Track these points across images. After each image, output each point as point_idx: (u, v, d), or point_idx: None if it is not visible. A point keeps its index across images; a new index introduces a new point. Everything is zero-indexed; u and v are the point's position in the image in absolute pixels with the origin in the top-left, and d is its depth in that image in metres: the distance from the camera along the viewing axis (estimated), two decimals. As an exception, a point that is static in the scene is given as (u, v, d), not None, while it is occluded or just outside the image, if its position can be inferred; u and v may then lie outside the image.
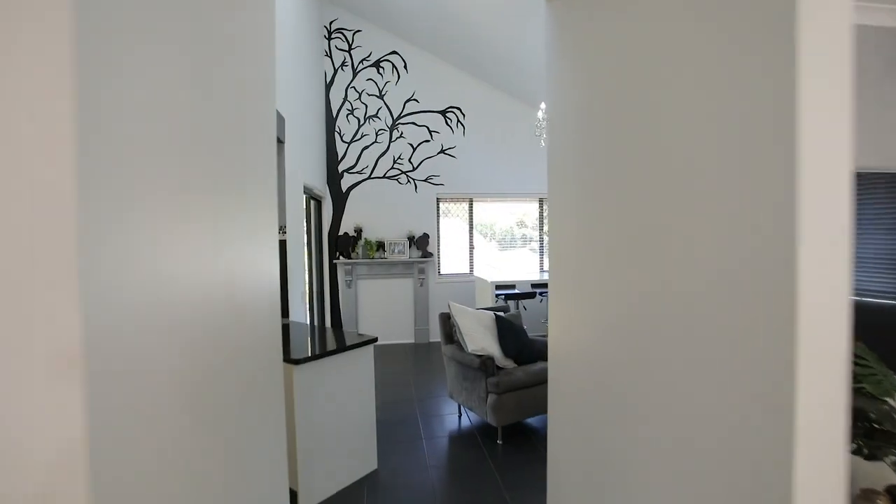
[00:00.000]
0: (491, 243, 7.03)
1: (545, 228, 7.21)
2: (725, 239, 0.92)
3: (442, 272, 6.94)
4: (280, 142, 3.44)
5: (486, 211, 7.11)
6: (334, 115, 6.44)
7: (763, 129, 0.83)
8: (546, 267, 7.27)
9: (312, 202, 6.04)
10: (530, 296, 5.70)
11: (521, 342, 3.83)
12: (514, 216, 7.28)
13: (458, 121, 6.76)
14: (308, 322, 4.35)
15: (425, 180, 6.73)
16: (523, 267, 7.27)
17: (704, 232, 0.98)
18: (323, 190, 6.19)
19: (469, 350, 3.49)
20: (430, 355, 6.08)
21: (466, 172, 6.83)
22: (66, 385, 0.53)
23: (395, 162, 6.62)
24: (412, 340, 6.76)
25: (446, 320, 4.08)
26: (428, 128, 6.67)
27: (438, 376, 5.09)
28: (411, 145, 6.64)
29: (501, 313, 4.18)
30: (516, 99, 6.86)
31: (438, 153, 6.74)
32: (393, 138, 6.59)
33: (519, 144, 6.94)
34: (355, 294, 6.54)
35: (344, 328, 6.54)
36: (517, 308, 6.00)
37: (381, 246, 6.52)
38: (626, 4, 1.25)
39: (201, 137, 0.88)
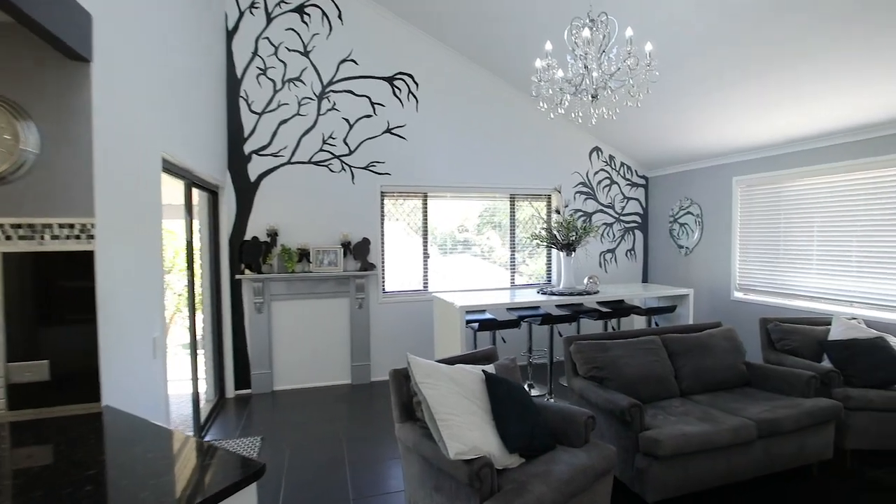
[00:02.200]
0: (431, 248, 5.52)
1: (516, 230, 5.83)
2: None
3: (387, 289, 5.33)
4: (79, 57, 1.72)
5: (445, 209, 5.60)
6: (238, 74, 4.65)
7: None
8: (526, 280, 5.88)
9: (201, 193, 4.22)
10: (511, 324, 4.26)
11: (531, 418, 2.35)
12: (468, 216, 5.82)
13: (410, 92, 5.20)
14: (164, 392, 2.60)
15: (366, 168, 5.10)
16: (475, 276, 5.83)
17: None
18: (220, 177, 4.38)
19: (451, 454, 1.95)
20: (374, 403, 4.46)
21: (420, 159, 5.28)
22: None
23: (325, 142, 4.94)
24: (348, 381, 5.09)
25: (402, 383, 2.51)
26: (370, 99, 5.05)
27: (386, 442, 3.49)
28: (347, 121, 5.00)
29: (489, 367, 2.67)
30: (488, 70, 5.42)
31: (383, 133, 5.14)
32: (322, 110, 4.91)
33: (488, 126, 5.51)
34: (268, 321, 4.76)
35: (252, 370, 4.74)
36: (492, 341, 4.53)
37: (304, 255, 4.80)
38: None
39: None
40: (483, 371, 2.48)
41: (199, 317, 4.28)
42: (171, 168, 2.95)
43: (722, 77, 3.88)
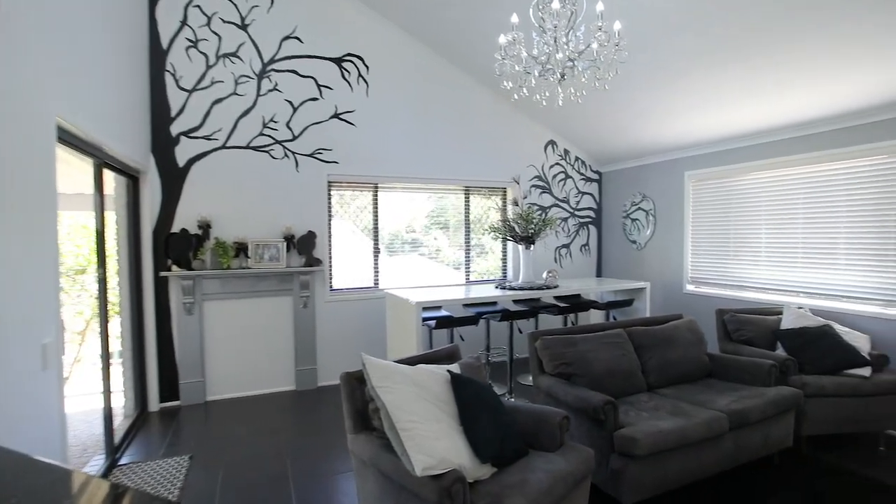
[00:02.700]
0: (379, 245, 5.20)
1: (471, 225, 5.63)
2: None
3: (335, 286, 4.95)
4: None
5: (396, 204, 5.29)
6: (164, 44, 4.11)
7: None
8: (481, 276, 5.68)
9: (118, 177, 3.67)
10: (470, 321, 4.02)
11: (502, 422, 2.11)
12: (416, 216, 5.56)
13: (360, 75, 4.85)
14: (60, 413, 2.12)
15: (311, 155, 4.70)
16: (425, 277, 5.59)
17: None
18: (142, 159, 3.84)
19: (418, 469, 1.67)
20: (322, 410, 4.07)
21: (370, 148, 4.95)
22: None
23: (265, 126, 4.49)
24: (292, 387, 4.65)
25: (355, 387, 2.20)
26: (316, 81, 4.66)
27: (336, 454, 3.14)
28: (291, 104, 4.57)
29: (453, 366, 2.41)
30: (443, 57, 5.17)
31: (331, 118, 4.76)
32: (263, 91, 4.46)
33: (442, 116, 5.26)
34: (200, 323, 4.25)
35: (181, 379, 4.20)
36: (450, 340, 4.28)
37: (242, 250, 4.33)
38: None
39: None
40: (448, 371, 2.22)
41: (117, 320, 3.72)
42: (72, 141, 2.46)
43: (674, 70, 3.86)
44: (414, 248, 5.45)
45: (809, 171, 4.05)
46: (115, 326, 3.69)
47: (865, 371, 3.25)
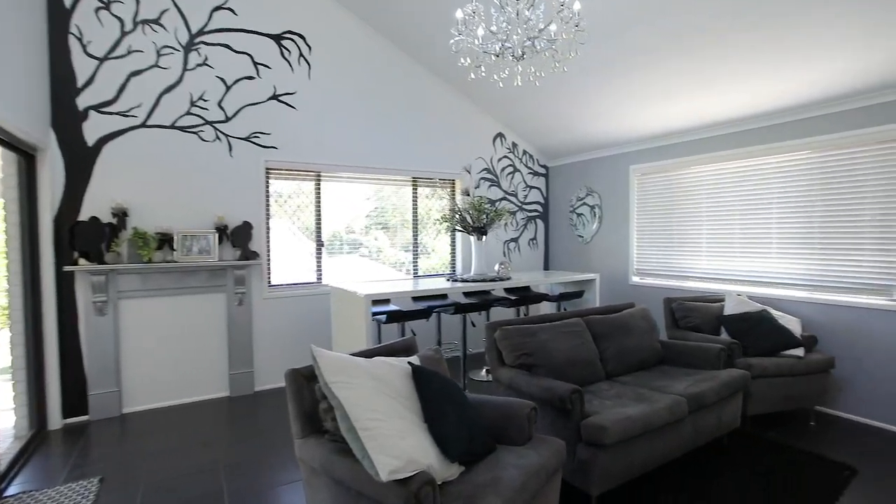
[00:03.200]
0: (309, 243, 4.83)
1: (420, 213, 5.43)
2: None
3: (274, 282, 4.56)
4: None
5: (339, 194, 4.98)
6: (67, 2, 3.57)
7: None
8: (427, 273, 5.50)
9: (6, 153, 3.11)
10: (422, 314, 3.82)
11: (469, 417, 1.93)
12: (356, 216, 5.30)
13: (302, 56, 4.51)
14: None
15: (247, 139, 4.30)
16: (367, 276, 5.36)
17: None
18: (39, 135, 3.29)
19: (383, 474, 1.45)
20: (260, 417, 3.70)
21: (313, 133, 4.62)
22: None
23: (193, 104, 4.03)
24: (226, 393, 4.22)
25: (302, 386, 1.94)
26: (252, 58, 4.26)
27: (280, 463, 2.83)
28: (223, 81, 4.15)
29: (414, 359, 2.21)
30: (392, 42, 4.93)
31: (269, 99, 4.38)
32: (190, 65, 4.00)
33: (390, 104, 5.02)
34: (114, 325, 3.73)
35: (91, 390, 3.66)
36: (401, 335, 4.06)
37: (166, 241, 3.86)
38: None
39: None
40: (410, 364, 2.02)
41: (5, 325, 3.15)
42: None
43: (621, 65, 3.90)
44: (354, 249, 5.15)
45: (745, 166, 4.25)
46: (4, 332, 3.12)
47: (799, 351, 3.42)
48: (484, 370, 4.77)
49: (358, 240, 5.18)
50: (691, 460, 2.87)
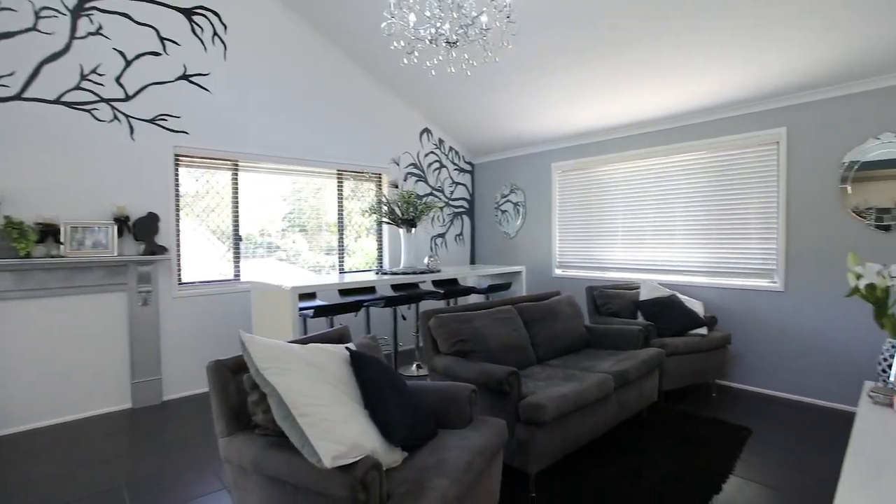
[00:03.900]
0: (222, 246, 4.46)
1: (345, 212, 5.26)
2: None
3: (186, 279, 4.16)
4: None
5: (261, 183, 4.67)
6: (-83, -53, 2.98)
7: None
8: (358, 265, 5.33)
9: None
10: (352, 307, 3.68)
11: (410, 402, 1.87)
12: (272, 218, 5.04)
13: (216, 34, 4.17)
14: None
15: (153, 121, 3.88)
16: (285, 278, 5.12)
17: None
18: None
19: (326, 459, 1.34)
20: (171, 428, 3.33)
21: (229, 119, 4.28)
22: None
23: (84, 77, 3.56)
24: (127, 405, 3.76)
25: (227, 379, 1.77)
26: (158, 32, 3.86)
27: (195, 475, 2.55)
28: (122, 55, 3.71)
29: (351, 346, 2.11)
30: (315, 28, 4.71)
31: (178, 79, 3.99)
32: (80, 33, 3.53)
33: (314, 93, 4.81)
34: (-17, 332, 3.16)
35: (-51, 407, 3.07)
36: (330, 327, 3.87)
37: (50, 233, 3.35)
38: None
39: None
40: (347, 349, 1.92)
41: None
42: None
43: (544, 65, 4.07)
44: (270, 252, 4.83)
45: (654, 164, 4.62)
46: None
47: (703, 330, 3.77)
48: (415, 365, 4.71)
49: (274, 243, 4.85)
50: (616, 435, 3.03)
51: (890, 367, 2.05)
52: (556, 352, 3.28)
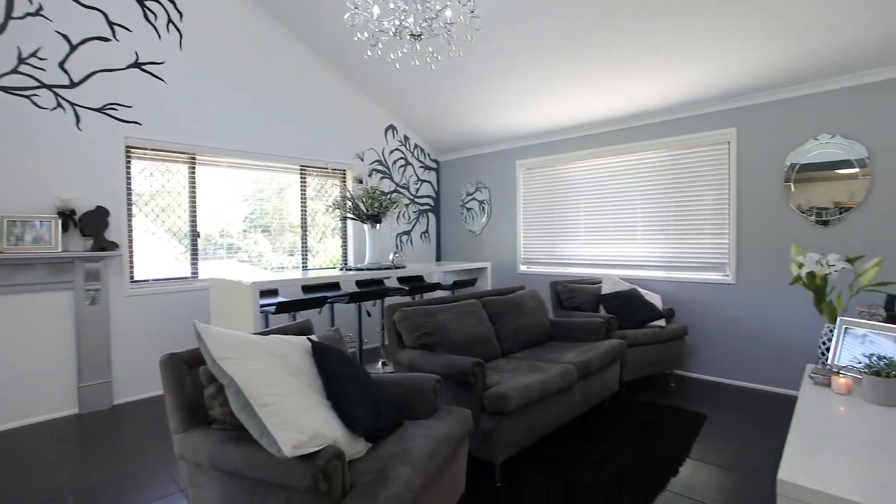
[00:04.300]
0: (182, 247, 4.29)
1: (309, 212, 5.16)
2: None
3: (138, 277, 3.97)
4: None
5: (219, 178, 4.51)
6: None
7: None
8: (322, 266, 5.23)
9: None
10: (316, 303, 3.61)
11: (373, 393, 1.85)
12: (232, 219, 4.90)
13: (171, 22, 4.00)
14: None
15: (101, 110, 3.68)
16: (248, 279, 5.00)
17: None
18: None
19: (286, 448, 1.30)
20: (122, 432, 3.16)
21: (186, 110, 4.12)
22: None
23: (23, 61, 3.34)
24: (74, 410, 3.55)
25: (182, 372, 1.70)
26: (105, 16, 3.67)
27: (148, 479, 2.43)
28: (66, 39, 3.51)
29: (313, 337, 2.06)
30: (276, 19, 4.59)
31: (129, 67, 3.81)
32: (17, 12, 3.31)
33: (276, 87, 4.69)
34: None
35: None
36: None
37: (-14, 227, 3.13)
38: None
39: None
40: (309, 340, 1.87)
41: None
42: None
43: (508, 63, 4.13)
44: (232, 253, 4.67)
45: (615, 162, 4.76)
46: None
47: (662, 322, 3.91)
48: (380, 363, 4.66)
49: (235, 244, 4.69)
50: (580, 424, 3.10)
51: (828, 350, 2.18)
52: (521, 345, 3.32)
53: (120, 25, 3.73)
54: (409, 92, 5.14)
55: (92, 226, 3.56)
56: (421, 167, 6.27)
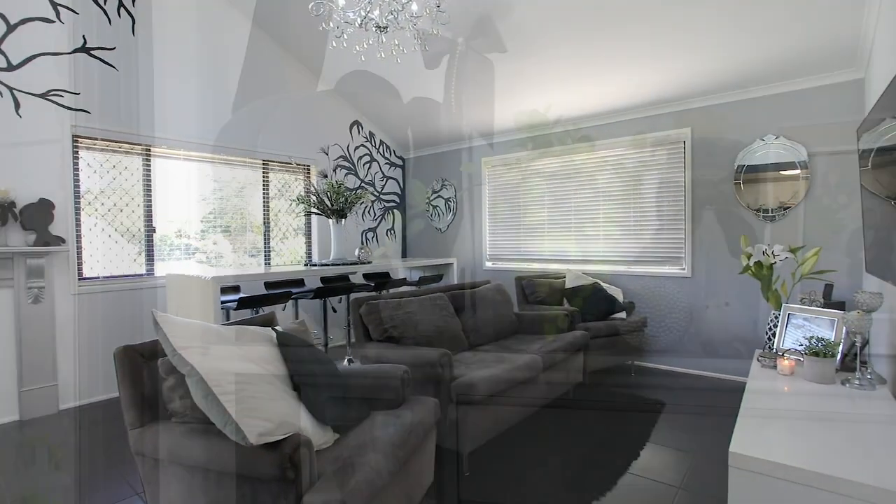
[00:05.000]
0: (134, 246, 4.08)
1: (272, 212, 5.02)
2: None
3: (87, 274, 3.75)
4: None
5: (178, 172, 4.32)
6: None
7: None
8: (282, 264, 5.10)
9: None
10: (280, 298, 3.52)
11: (340, 383, 1.83)
12: (189, 219, 4.74)
13: (123, 6, 3.81)
14: None
15: (43, 96, 3.46)
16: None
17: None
18: None
19: (252, 436, 1.27)
20: (69, 437, 2.98)
21: (140, 99, 3.93)
22: None
23: (-43, 42, 3.10)
24: (14, 417, 3.32)
25: (138, 365, 1.63)
26: (50, -2, 3.46)
27: (100, 483, 2.30)
28: (2, 17, 3.28)
29: (279, 328, 2.01)
30: (232, 5, 4.45)
31: (76, 52, 3.60)
32: (-49, -9, 3.07)
33: (237, 79, 4.54)
34: None
35: None
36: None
37: (-87, 219, 2.88)
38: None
39: None
40: (274, 330, 1.83)
41: None
42: None
43: (473, 58, 4.18)
44: (189, 255, 4.49)
45: (578, 160, 4.88)
46: None
47: (623, 315, 4.04)
48: (346, 360, 4.60)
49: (193, 245, 4.51)
50: (545, 413, 3.16)
51: (774, 335, 2.32)
52: (488, 337, 3.35)
53: (65, 6, 3.52)
54: (373, 87, 5.10)
55: (34, 219, 3.34)
56: (387, 164, 6.22)
